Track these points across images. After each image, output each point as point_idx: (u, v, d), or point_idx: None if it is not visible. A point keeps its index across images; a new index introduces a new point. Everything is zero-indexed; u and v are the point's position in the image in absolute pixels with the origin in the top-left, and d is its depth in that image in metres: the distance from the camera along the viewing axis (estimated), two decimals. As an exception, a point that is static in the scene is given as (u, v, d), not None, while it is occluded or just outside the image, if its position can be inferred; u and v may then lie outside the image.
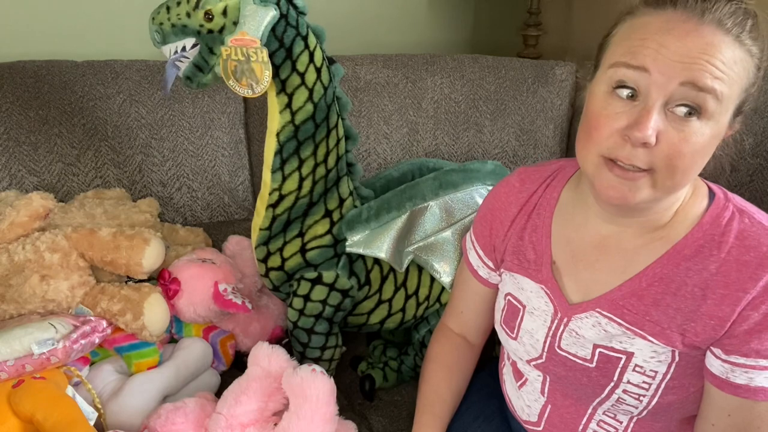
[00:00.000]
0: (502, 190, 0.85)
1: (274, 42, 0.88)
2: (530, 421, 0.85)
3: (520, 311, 0.81)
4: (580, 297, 0.75)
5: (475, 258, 0.90)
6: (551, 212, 0.79)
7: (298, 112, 0.93)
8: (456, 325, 0.97)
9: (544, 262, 0.78)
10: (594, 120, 0.65)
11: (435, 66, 1.50)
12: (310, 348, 1.04)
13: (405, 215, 1.02)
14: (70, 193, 1.30)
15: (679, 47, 0.60)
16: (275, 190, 0.97)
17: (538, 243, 0.79)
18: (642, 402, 0.71)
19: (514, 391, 0.88)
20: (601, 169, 0.65)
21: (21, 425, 0.83)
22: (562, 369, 0.76)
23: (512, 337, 0.82)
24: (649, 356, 0.69)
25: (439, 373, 0.93)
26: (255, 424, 0.87)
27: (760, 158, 1.25)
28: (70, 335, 0.90)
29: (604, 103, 0.64)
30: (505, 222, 0.84)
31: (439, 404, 0.90)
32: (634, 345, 0.70)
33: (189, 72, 0.91)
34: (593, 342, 0.73)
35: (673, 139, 0.61)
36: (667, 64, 0.60)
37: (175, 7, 0.88)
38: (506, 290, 0.84)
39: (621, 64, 0.63)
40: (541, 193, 0.81)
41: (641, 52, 0.61)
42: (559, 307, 0.76)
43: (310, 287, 1.01)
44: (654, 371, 0.69)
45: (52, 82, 1.30)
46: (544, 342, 0.78)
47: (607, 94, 0.64)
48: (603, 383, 0.72)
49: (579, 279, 0.75)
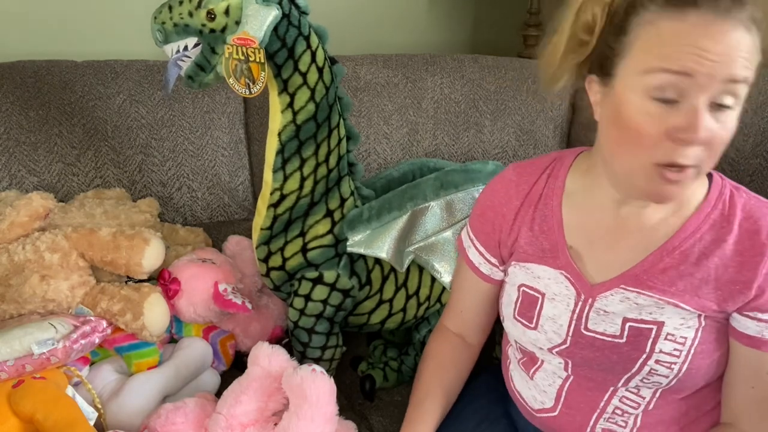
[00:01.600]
0: (500, 185, 0.87)
1: (277, 42, 0.88)
2: (544, 408, 0.85)
3: (538, 300, 0.82)
4: (602, 277, 0.77)
5: (476, 255, 0.90)
6: (559, 201, 0.82)
7: (299, 111, 0.93)
8: (455, 325, 0.97)
9: (560, 248, 0.80)
10: (638, 127, 0.66)
11: (435, 66, 1.50)
12: (311, 348, 1.03)
13: (406, 215, 1.02)
14: (70, 193, 1.30)
15: (717, 48, 0.62)
16: (276, 190, 0.97)
17: (550, 231, 0.81)
18: (673, 370, 0.74)
19: (523, 383, 0.88)
20: (653, 176, 0.67)
21: (21, 425, 0.83)
22: (589, 350, 0.78)
23: (531, 327, 0.82)
24: (679, 323, 0.73)
25: (432, 371, 0.93)
26: (255, 424, 0.87)
27: (760, 158, 1.25)
28: (70, 335, 0.90)
29: (645, 109, 0.65)
30: (508, 216, 0.85)
31: (430, 401, 0.90)
32: (664, 314, 0.73)
33: (191, 71, 0.91)
34: (623, 316, 0.75)
35: (716, 130, 0.64)
36: (709, 66, 0.62)
37: (178, 6, 0.88)
38: (518, 282, 0.84)
39: (660, 70, 0.64)
40: (544, 184, 0.83)
41: (682, 58, 0.63)
42: (582, 289, 0.78)
43: (311, 287, 1.01)
44: (684, 337, 0.73)
45: (52, 82, 1.30)
46: (568, 326, 0.79)
47: (644, 99, 0.65)
48: (635, 356, 0.75)
49: (598, 260, 0.78)
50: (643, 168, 0.67)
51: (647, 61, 0.65)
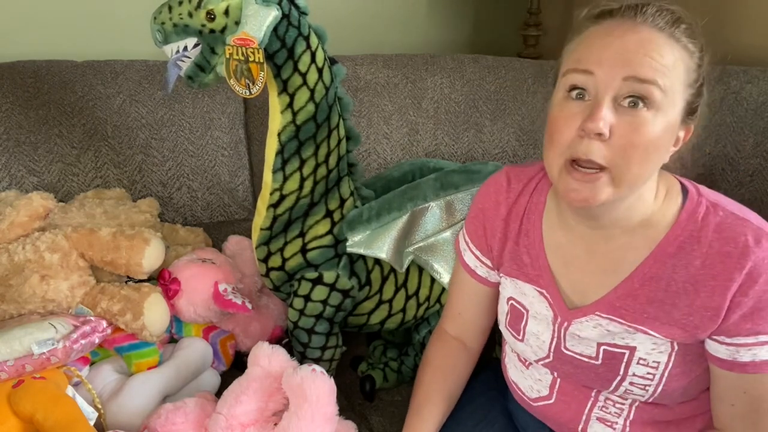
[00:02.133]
0: (491, 188, 0.87)
1: (276, 42, 0.88)
2: (541, 396, 0.86)
3: (524, 315, 0.83)
4: (580, 300, 0.78)
5: (471, 258, 0.90)
6: (540, 217, 0.82)
7: (299, 112, 0.93)
8: (453, 328, 0.97)
9: (542, 267, 0.81)
10: (554, 124, 0.70)
11: (435, 66, 1.51)
12: (311, 348, 1.03)
13: (406, 216, 1.02)
14: (70, 193, 1.30)
15: (618, 46, 0.66)
16: (276, 190, 0.97)
17: (531, 248, 0.82)
18: (648, 391, 0.75)
19: (519, 374, 0.89)
20: (563, 173, 0.69)
21: (21, 425, 0.83)
22: (570, 367, 0.80)
23: (519, 339, 0.84)
24: (651, 348, 0.73)
25: (432, 377, 0.93)
26: (255, 424, 0.87)
27: (760, 158, 1.25)
28: (70, 335, 0.90)
29: (561, 108, 0.69)
30: (496, 222, 0.85)
31: (429, 407, 0.90)
32: (635, 340, 0.74)
33: (190, 72, 0.91)
34: (596, 341, 0.76)
35: (626, 131, 0.65)
36: (609, 62, 0.66)
37: (177, 6, 0.88)
38: (507, 294, 0.86)
39: (571, 71, 0.68)
40: (528, 197, 0.84)
41: (587, 57, 0.67)
42: (558, 312, 0.79)
43: (311, 287, 1.01)
44: (656, 362, 0.73)
45: (52, 82, 1.30)
46: (550, 343, 0.80)
47: (562, 99, 0.70)
48: (610, 377, 0.76)
49: (574, 282, 0.79)
50: (557, 166, 0.70)
51: (566, 65, 0.70)
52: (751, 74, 1.27)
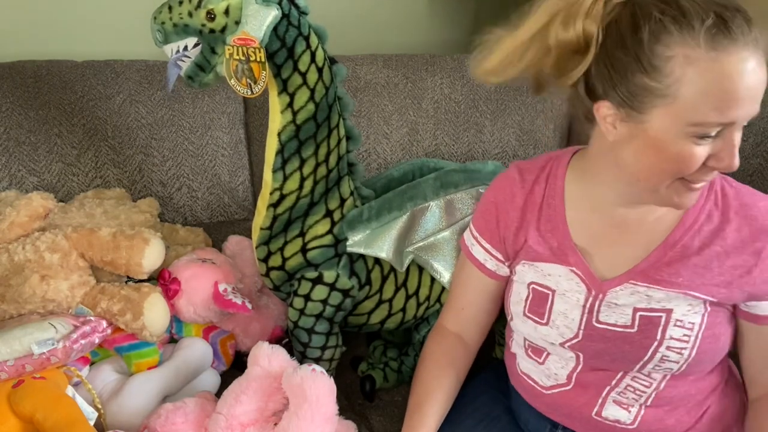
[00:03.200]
0: (504, 183, 0.89)
1: (276, 42, 0.88)
2: (558, 384, 0.86)
3: (548, 296, 0.84)
4: (610, 272, 0.80)
5: (481, 252, 0.91)
6: (561, 200, 0.84)
7: (299, 111, 0.93)
8: (453, 324, 0.97)
9: (568, 246, 0.83)
10: (680, 161, 0.68)
11: (435, 66, 1.51)
12: (311, 348, 1.03)
13: (406, 215, 1.02)
14: (70, 193, 1.30)
15: (752, 86, 0.64)
16: (276, 190, 0.97)
17: (556, 231, 0.84)
18: (683, 355, 0.77)
19: (532, 367, 0.89)
20: (680, 190, 0.72)
21: (21, 425, 0.83)
22: (601, 342, 0.80)
23: (542, 323, 0.84)
24: (686, 309, 0.76)
25: (431, 373, 0.93)
26: (255, 424, 0.87)
27: (760, 158, 1.25)
28: (70, 335, 0.90)
29: (686, 146, 0.67)
30: (512, 213, 0.87)
31: (429, 404, 0.90)
32: (671, 302, 0.77)
33: (191, 71, 0.91)
34: (633, 306, 0.78)
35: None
36: (746, 107, 0.65)
37: (177, 6, 0.88)
38: (527, 280, 0.86)
39: (711, 125, 0.65)
40: (545, 184, 0.86)
41: (731, 108, 0.64)
42: (592, 285, 0.81)
43: (311, 287, 1.01)
44: (692, 323, 0.76)
45: (52, 82, 1.30)
46: (579, 320, 0.81)
47: (686, 138, 0.67)
48: (646, 344, 0.78)
49: (605, 257, 0.81)
50: (671, 185, 0.71)
51: (698, 115, 0.65)
52: (751, 74, 1.27)
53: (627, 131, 0.71)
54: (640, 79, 0.66)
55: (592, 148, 0.80)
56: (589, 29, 0.69)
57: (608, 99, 0.70)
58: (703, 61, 0.63)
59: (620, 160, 0.74)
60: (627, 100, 0.68)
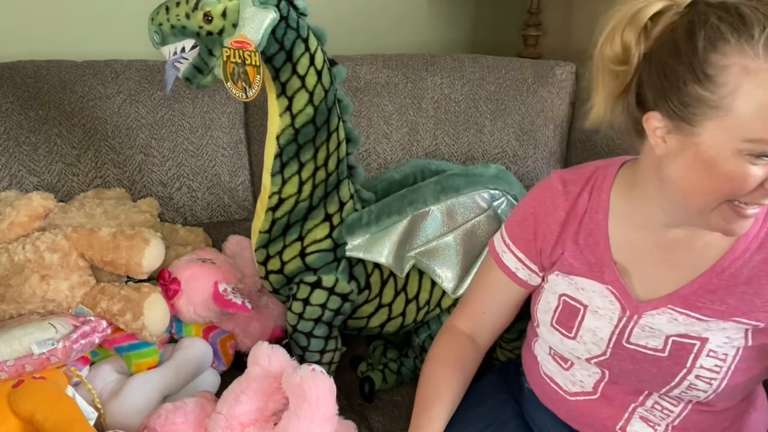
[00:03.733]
0: (546, 194, 0.85)
1: (274, 44, 0.87)
2: (583, 392, 0.84)
3: (580, 311, 0.81)
4: (648, 294, 0.77)
5: (512, 260, 0.88)
6: (605, 215, 0.80)
7: (298, 115, 0.92)
8: (468, 326, 0.95)
9: (606, 263, 0.79)
10: (735, 181, 0.64)
11: (435, 66, 1.50)
12: (309, 352, 1.03)
13: (406, 220, 1.01)
14: (70, 193, 1.30)
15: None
16: (275, 194, 0.96)
17: (596, 246, 0.80)
18: (712, 385, 0.74)
19: (557, 371, 0.87)
20: (729, 214, 0.67)
21: (21, 425, 0.83)
22: (630, 362, 0.78)
23: (570, 337, 0.82)
24: (723, 341, 0.73)
25: (440, 374, 0.91)
26: (255, 424, 0.87)
27: (759, 158, 1.25)
28: (70, 335, 0.91)
29: (742, 165, 0.63)
30: (553, 226, 0.83)
31: (438, 406, 0.88)
32: (709, 330, 0.73)
33: (188, 73, 0.90)
34: (667, 333, 0.75)
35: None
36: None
37: (175, 8, 0.88)
38: (559, 291, 0.83)
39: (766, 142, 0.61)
40: (588, 196, 0.82)
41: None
42: (627, 306, 0.78)
43: (310, 291, 1.00)
44: (725, 354, 0.73)
45: (52, 82, 1.31)
46: (609, 339, 0.79)
47: (743, 159, 0.63)
48: (674, 371, 0.75)
49: (645, 277, 0.78)
50: (721, 207, 0.67)
51: (754, 132, 0.61)
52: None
53: (677, 145, 0.67)
54: (693, 89, 0.63)
55: (641, 163, 0.76)
56: (627, 39, 0.68)
57: (658, 110, 0.67)
58: (763, 72, 0.59)
59: (667, 176, 0.69)
60: (678, 112, 0.65)
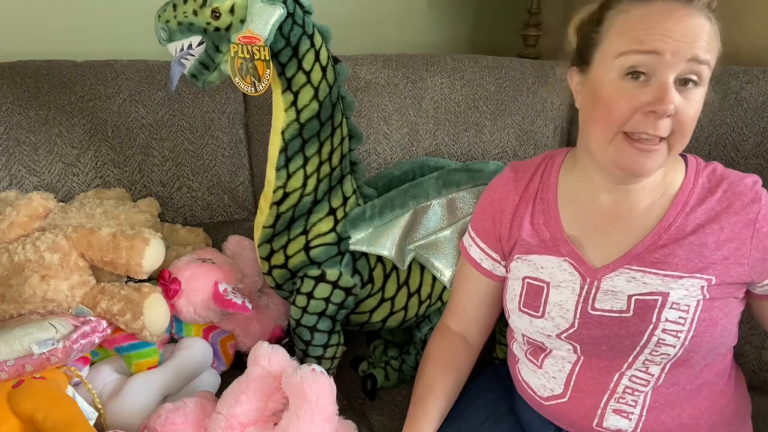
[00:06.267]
0: (500, 182, 0.92)
1: (281, 40, 0.88)
2: (554, 395, 0.86)
3: (543, 289, 0.85)
4: (604, 260, 0.82)
5: (477, 252, 0.93)
6: (554, 195, 0.87)
7: (303, 110, 0.93)
8: (456, 324, 0.98)
9: (560, 238, 0.85)
10: (611, 103, 0.74)
11: (435, 66, 1.50)
12: (313, 346, 1.04)
13: (408, 213, 1.03)
14: (70, 193, 1.30)
15: (680, 30, 0.71)
16: (279, 188, 0.97)
17: (548, 223, 0.86)
18: (680, 338, 0.77)
19: (531, 374, 0.89)
20: (622, 145, 0.74)
21: (21, 425, 0.83)
22: (597, 329, 0.81)
23: (537, 316, 0.85)
24: (683, 294, 0.77)
25: (434, 370, 0.94)
26: (255, 424, 0.87)
27: (760, 158, 1.25)
28: (70, 335, 0.90)
29: (619, 88, 0.73)
30: (507, 211, 0.90)
31: (432, 400, 0.91)
32: (667, 286, 0.78)
33: (194, 70, 0.91)
34: (628, 293, 0.80)
35: (683, 107, 0.72)
36: (674, 45, 0.70)
37: (182, 5, 0.88)
38: (521, 275, 0.87)
39: (632, 52, 0.72)
40: (539, 180, 0.89)
41: (650, 39, 0.71)
42: (586, 273, 0.82)
43: (314, 285, 1.01)
44: (687, 305, 0.77)
45: (52, 82, 1.30)
46: (575, 309, 0.82)
47: (619, 80, 0.73)
48: (642, 329, 0.78)
49: (598, 245, 0.83)
50: (615, 140, 0.75)
51: (620, 46, 0.73)
52: (751, 74, 1.27)
53: (583, 89, 0.80)
54: (589, 33, 0.78)
55: (579, 136, 0.84)
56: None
57: (575, 65, 0.81)
58: (629, 7, 0.74)
59: (580, 123, 0.80)
60: (582, 58, 0.79)
